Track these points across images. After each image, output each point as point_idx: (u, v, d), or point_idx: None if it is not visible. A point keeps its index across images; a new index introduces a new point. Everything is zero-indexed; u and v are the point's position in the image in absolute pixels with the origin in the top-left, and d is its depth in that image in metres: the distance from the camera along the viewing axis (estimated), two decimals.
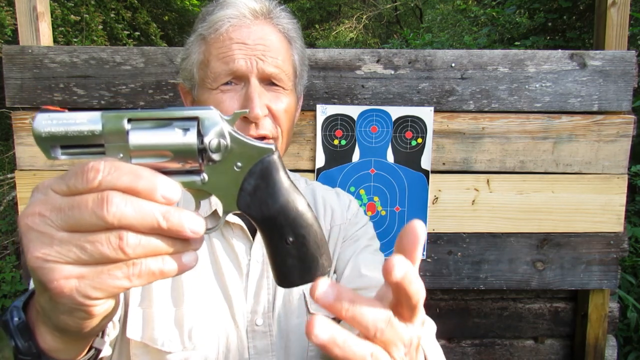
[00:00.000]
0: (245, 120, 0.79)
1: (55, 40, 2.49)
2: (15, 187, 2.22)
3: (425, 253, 1.66)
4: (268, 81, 0.82)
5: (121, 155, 0.43)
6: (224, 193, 0.47)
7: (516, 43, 3.91)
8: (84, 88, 1.54)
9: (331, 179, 1.62)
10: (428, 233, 1.65)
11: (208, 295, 0.84)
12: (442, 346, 1.78)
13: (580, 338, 1.75)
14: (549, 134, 1.62)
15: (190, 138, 0.43)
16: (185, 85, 0.89)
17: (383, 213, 1.64)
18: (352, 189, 1.63)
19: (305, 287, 0.91)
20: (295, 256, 0.50)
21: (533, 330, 1.77)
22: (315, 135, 1.59)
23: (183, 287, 0.82)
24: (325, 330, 0.38)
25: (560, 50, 1.61)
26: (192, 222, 0.41)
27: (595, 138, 1.62)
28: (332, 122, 1.59)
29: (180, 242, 0.42)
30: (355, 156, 1.62)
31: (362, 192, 1.64)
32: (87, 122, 0.42)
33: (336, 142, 1.61)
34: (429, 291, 1.75)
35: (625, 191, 1.64)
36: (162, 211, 0.39)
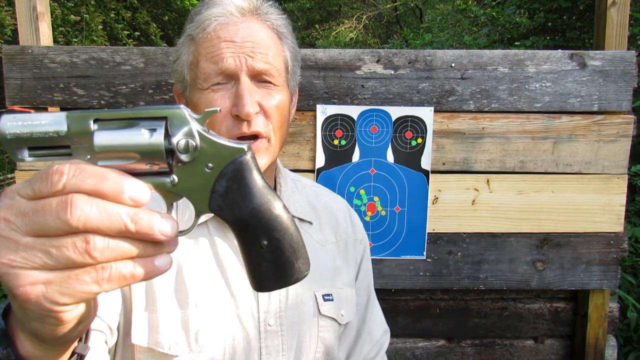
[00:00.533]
0: (237, 118, 0.78)
1: (55, 40, 2.49)
2: None
3: (425, 253, 1.66)
4: (259, 78, 0.81)
5: (88, 156, 0.42)
6: (195, 195, 0.46)
7: (516, 43, 3.91)
8: (84, 88, 1.54)
9: (331, 179, 1.62)
10: (428, 233, 1.65)
11: (213, 296, 0.83)
12: (442, 346, 1.78)
13: (580, 338, 1.75)
14: (549, 134, 1.62)
15: (157, 139, 0.41)
16: (178, 87, 0.89)
17: (383, 213, 1.64)
18: (352, 189, 1.63)
19: (317, 288, 0.92)
20: (269, 260, 0.48)
21: (533, 330, 1.77)
22: (315, 135, 1.59)
23: (187, 289, 0.81)
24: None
25: (560, 50, 1.61)
26: (162, 224, 0.39)
27: (595, 138, 1.62)
28: (332, 122, 1.59)
29: (152, 245, 0.40)
30: (355, 156, 1.62)
31: (362, 192, 1.64)
32: (51, 123, 0.41)
33: (336, 142, 1.61)
34: (429, 291, 1.75)
35: (625, 191, 1.64)
36: (130, 213, 0.38)
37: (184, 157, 0.43)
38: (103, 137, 0.41)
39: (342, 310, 0.94)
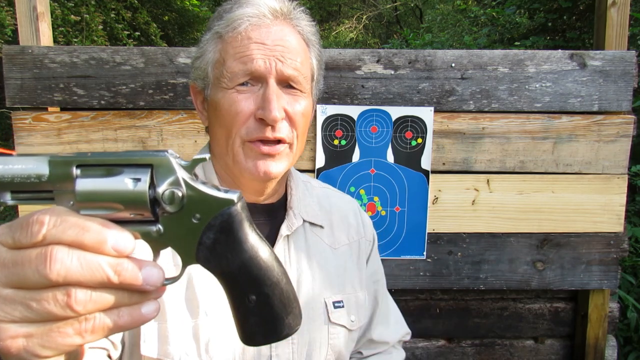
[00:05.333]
0: (261, 121, 0.76)
1: (55, 40, 2.49)
2: None
3: (425, 253, 1.66)
4: (285, 83, 0.80)
5: (71, 202, 0.40)
6: (181, 246, 0.44)
7: (516, 43, 3.91)
8: (84, 88, 1.54)
9: (331, 179, 1.62)
10: (428, 233, 1.65)
11: (223, 304, 0.81)
12: (442, 346, 1.78)
13: (580, 338, 1.75)
14: (549, 134, 1.62)
15: (141, 189, 0.40)
16: (197, 84, 0.87)
17: (383, 213, 1.64)
18: (352, 189, 1.63)
19: (328, 296, 0.91)
20: (258, 315, 0.46)
21: (533, 330, 1.77)
22: (315, 135, 1.59)
23: (197, 298, 0.80)
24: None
25: (560, 50, 1.61)
26: (148, 274, 0.38)
27: (595, 138, 1.62)
28: (332, 122, 1.59)
29: (138, 292, 0.39)
30: (355, 156, 1.61)
31: (362, 192, 1.64)
32: (33, 167, 0.40)
33: (336, 142, 1.61)
34: (429, 291, 1.75)
35: (625, 191, 1.64)
36: (113, 264, 0.37)
37: (169, 208, 0.42)
38: (85, 186, 0.40)
39: (352, 316, 0.93)
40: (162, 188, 0.41)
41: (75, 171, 0.40)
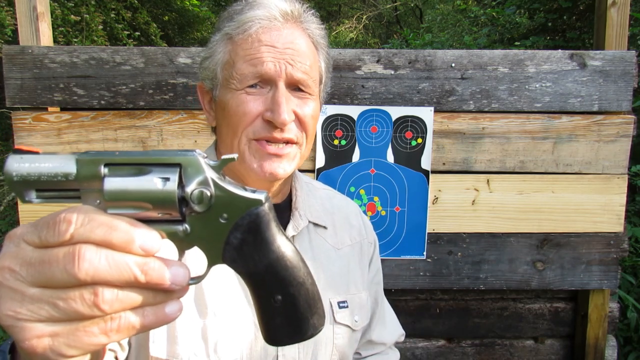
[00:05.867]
0: (270, 124, 0.77)
1: (55, 40, 2.49)
2: None
3: (425, 253, 1.66)
4: (294, 86, 0.80)
5: (98, 201, 0.40)
6: (208, 245, 0.44)
7: (516, 43, 3.91)
8: (84, 88, 1.54)
9: (331, 179, 1.62)
10: (428, 233, 1.65)
11: (231, 304, 0.82)
12: (442, 346, 1.78)
13: (580, 338, 1.75)
14: (549, 134, 1.62)
15: (170, 188, 0.39)
16: (205, 84, 0.86)
17: (383, 213, 1.64)
18: (352, 189, 1.63)
19: (333, 296, 0.91)
20: (283, 315, 0.46)
21: (533, 330, 1.77)
22: (316, 135, 1.59)
23: (206, 299, 0.80)
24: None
25: (560, 50, 1.61)
26: (174, 274, 0.38)
27: (595, 138, 1.62)
28: (332, 122, 1.59)
29: (163, 292, 0.39)
30: (355, 156, 1.61)
31: (362, 192, 1.64)
32: (60, 166, 0.39)
33: (336, 142, 1.60)
34: (429, 291, 1.75)
35: (625, 191, 1.64)
36: (140, 264, 0.37)
37: (197, 208, 0.42)
38: (113, 184, 0.39)
39: (355, 316, 0.94)
40: (191, 187, 0.41)
41: (103, 170, 0.40)
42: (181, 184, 0.41)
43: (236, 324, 0.81)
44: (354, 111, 1.59)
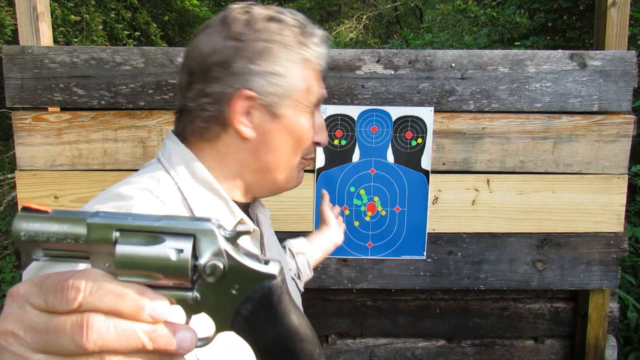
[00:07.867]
0: (314, 144, 0.85)
1: (55, 40, 2.49)
2: (15, 187, 2.21)
3: (425, 253, 1.66)
4: None
5: (107, 264, 0.39)
6: (217, 314, 0.43)
7: (516, 43, 3.91)
8: (84, 88, 1.54)
9: (331, 179, 1.62)
10: (428, 233, 1.65)
11: (215, 353, 0.82)
12: (442, 346, 1.78)
13: (581, 338, 1.75)
14: (549, 134, 1.62)
15: (183, 260, 0.39)
16: (263, 100, 0.78)
17: (383, 213, 1.64)
18: (352, 189, 1.63)
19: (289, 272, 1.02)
20: None
21: (533, 330, 1.77)
22: None
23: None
24: None
25: (560, 50, 1.61)
26: (181, 339, 0.38)
27: (595, 138, 1.62)
28: (332, 122, 1.59)
29: (168, 355, 0.39)
30: (356, 156, 1.61)
31: (362, 192, 1.64)
32: (70, 228, 0.39)
33: (336, 142, 1.60)
34: (429, 291, 1.75)
35: (626, 191, 1.64)
36: (148, 332, 0.37)
37: (209, 279, 0.41)
38: (125, 252, 0.39)
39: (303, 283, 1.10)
40: (204, 260, 0.40)
41: (115, 234, 0.39)
42: (194, 254, 0.40)
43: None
44: (354, 111, 1.59)
